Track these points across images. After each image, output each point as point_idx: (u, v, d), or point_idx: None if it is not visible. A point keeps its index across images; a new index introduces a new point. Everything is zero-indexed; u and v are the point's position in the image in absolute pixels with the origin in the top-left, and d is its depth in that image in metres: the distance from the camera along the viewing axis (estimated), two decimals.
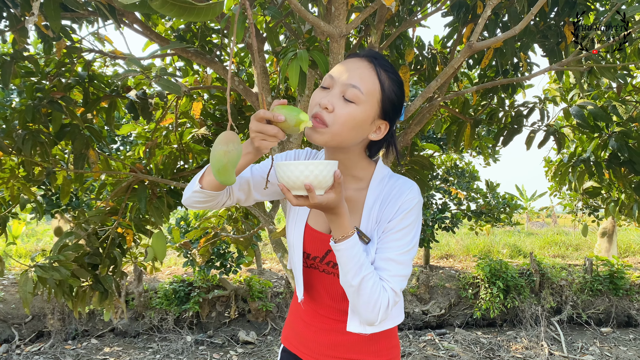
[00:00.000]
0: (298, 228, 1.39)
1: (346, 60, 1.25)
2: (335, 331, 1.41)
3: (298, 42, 2.17)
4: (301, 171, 1.07)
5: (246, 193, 1.38)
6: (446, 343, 6.36)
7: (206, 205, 1.31)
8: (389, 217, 1.25)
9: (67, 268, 2.58)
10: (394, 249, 1.23)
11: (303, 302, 1.48)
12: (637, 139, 3.35)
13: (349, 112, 1.17)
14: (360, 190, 1.32)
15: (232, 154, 1.02)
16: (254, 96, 2.71)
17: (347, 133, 1.19)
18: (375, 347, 1.40)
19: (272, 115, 1.08)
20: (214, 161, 1.02)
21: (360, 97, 1.17)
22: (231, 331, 6.70)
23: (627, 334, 6.89)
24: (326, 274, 1.38)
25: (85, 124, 3.01)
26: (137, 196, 2.97)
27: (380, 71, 1.20)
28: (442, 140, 7.65)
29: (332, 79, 1.21)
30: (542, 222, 20.83)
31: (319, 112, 1.18)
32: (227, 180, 1.05)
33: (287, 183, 1.10)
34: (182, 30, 3.21)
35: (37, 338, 6.39)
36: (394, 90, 1.22)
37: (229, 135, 1.03)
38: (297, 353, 1.50)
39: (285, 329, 1.59)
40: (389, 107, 1.22)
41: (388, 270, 1.22)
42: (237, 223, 4.11)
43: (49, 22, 2.11)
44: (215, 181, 1.23)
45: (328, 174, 1.08)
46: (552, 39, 3.05)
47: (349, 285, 1.18)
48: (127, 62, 2.11)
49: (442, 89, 3.16)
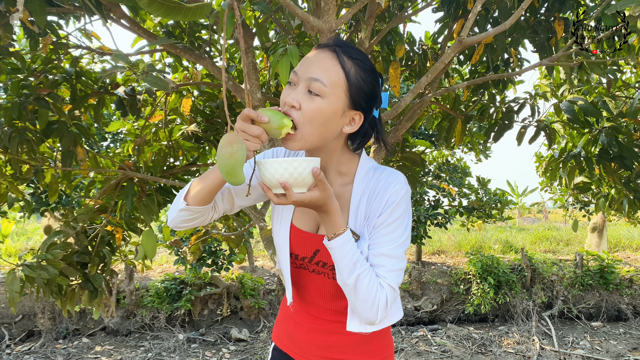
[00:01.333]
0: (283, 229, 1.35)
1: (310, 53, 1.19)
2: (326, 332, 1.38)
3: (288, 37, 2.16)
4: (275, 169, 1.05)
5: (230, 202, 1.35)
6: (438, 339, 6.38)
7: (193, 223, 1.28)
8: (377, 212, 1.21)
9: (55, 267, 2.55)
10: (386, 243, 1.19)
11: (292, 304, 1.45)
12: (627, 134, 3.36)
13: (314, 107, 1.12)
14: (345, 185, 1.28)
15: (238, 154, 1.03)
16: (244, 93, 2.69)
17: (317, 130, 1.14)
18: (368, 347, 1.38)
19: (256, 115, 1.07)
20: (221, 165, 1.03)
21: (324, 90, 1.12)
22: (223, 329, 6.68)
23: (617, 328, 6.94)
24: (316, 274, 1.35)
25: (73, 121, 2.97)
26: (125, 194, 2.95)
27: (344, 59, 1.14)
28: (434, 137, 7.67)
29: (296, 75, 1.16)
30: (534, 217, 20.97)
31: (286, 110, 1.14)
32: (238, 180, 1.05)
33: (266, 182, 1.09)
34: (170, 26, 3.18)
35: (27, 337, 6.34)
36: (362, 78, 1.16)
37: (231, 137, 1.04)
38: (288, 352, 1.47)
39: (276, 327, 1.56)
40: (358, 96, 1.16)
41: (383, 266, 1.18)
42: (228, 220, 4.09)
43: (34, 17, 2.07)
44: (200, 195, 1.21)
45: (304, 171, 1.06)
46: (542, 34, 3.05)
47: (344, 284, 1.15)
48: (114, 57, 2.08)
49: (433, 85, 3.15)
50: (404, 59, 3.58)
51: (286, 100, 1.14)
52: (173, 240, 4.13)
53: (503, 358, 5.66)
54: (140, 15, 3.08)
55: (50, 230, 6.76)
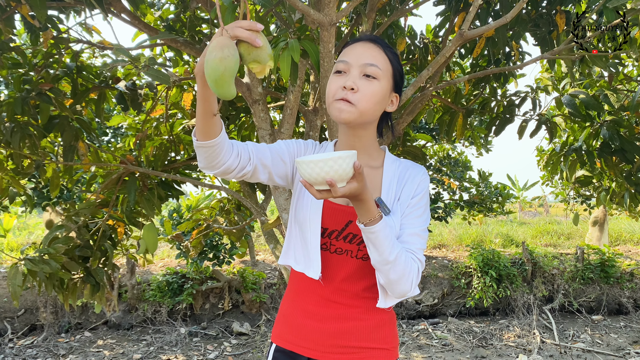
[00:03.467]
0: (316, 203, 1.38)
1: (353, 46, 1.35)
2: (342, 318, 1.38)
3: (289, 31, 2.15)
4: (321, 168, 1.08)
5: (261, 162, 1.35)
6: (439, 332, 6.40)
7: (220, 159, 1.24)
8: (410, 195, 1.37)
9: (57, 261, 2.56)
10: (417, 225, 1.35)
11: (311, 286, 1.42)
12: (628, 128, 3.35)
13: (373, 88, 1.29)
14: (376, 168, 1.42)
15: (229, 61, 0.92)
16: (245, 86, 2.69)
17: (373, 108, 1.30)
18: (381, 333, 1.40)
19: (248, 23, 1.00)
20: (209, 71, 0.92)
21: (379, 73, 1.29)
22: (225, 323, 6.70)
23: (618, 322, 6.96)
24: (338, 254, 1.37)
25: (74, 116, 2.98)
26: (127, 188, 2.95)
27: (386, 49, 1.34)
28: (435, 131, 7.65)
29: (346, 64, 1.31)
30: (535, 211, 20.98)
31: (344, 95, 1.27)
32: (227, 92, 0.94)
33: (309, 179, 1.11)
34: (171, 20, 3.18)
35: (29, 331, 6.36)
36: (399, 63, 1.37)
37: (223, 40, 0.93)
38: (295, 349, 1.41)
39: (278, 326, 1.50)
40: (399, 79, 1.38)
41: (414, 243, 1.33)
42: (229, 215, 4.10)
43: (34, 11, 2.07)
44: (200, 124, 1.17)
45: (347, 166, 1.10)
46: (543, 27, 3.04)
47: (385, 262, 1.24)
48: (115, 52, 2.08)
49: (434, 79, 3.15)
50: (405, 53, 3.57)
51: (346, 84, 1.27)
52: (174, 234, 4.14)
53: (504, 351, 5.68)
54: (141, 9, 3.07)
55: (52, 224, 6.77)
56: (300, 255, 1.43)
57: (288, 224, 1.51)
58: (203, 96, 1.13)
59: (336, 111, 1.28)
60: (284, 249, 1.51)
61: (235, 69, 0.93)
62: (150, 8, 3.27)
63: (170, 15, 3.27)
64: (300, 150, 1.46)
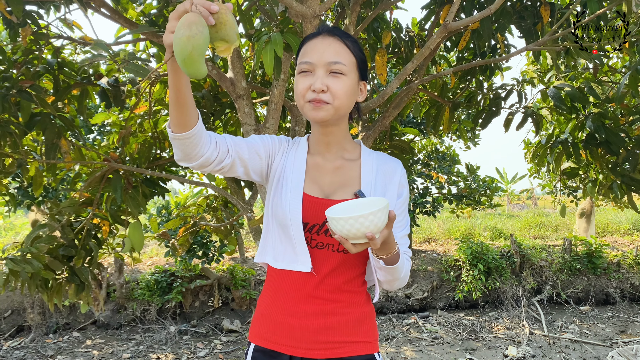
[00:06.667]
0: (294, 198, 1.36)
1: (312, 42, 1.33)
2: (323, 313, 1.36)
3: (272, 24, 2.13)
4: (361, 223, 1.07)
5: (241, 159, 1.33)
6: (429, 325, 6.42)
7: (197, 150, 1.21)
8: (394, 195, 1.40)
9: (40, 260, 2.52)
10: (404, 225, 1.42)
11: (292, 284, 1.39)
12: (613, 120, 3.37)
13: (342, 84, 1.29)
14: (353, 160, 1.43)
15: (198, 39, 0.89)
16: (229, 81, 2.66)
17: (346, 102, 1.31)
18: (364, 327, 1.39)
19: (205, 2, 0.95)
20: (177, 50, 0.89)
21: (345, 69, 1.29)
22: (215, 320, 6.67)
23: (605, 312, 7.03)
24: (319, 248, 1.35)
25: (57, 113, 2.93)
26: (112, 186, 2.91)
27: (345, 40, 1.33)
28: (423, 125, 7.66)
29: (310, 64, 1.30)
30: (523, 204, 21.14)
31: (315, 97, 1.27)
32: (197, 72, 0.92)
33: (347, 235, 1.10)
34: (153, 15, 3.13)
35: (17, 333, 6.29)
36: (360, 50, 1.36)
37: (191, 17, 0.90)
38: (276, 348, 1.38)
39: (256, 325, 1.46)
40: (363, 67, 1.37)
41: (405, 244, 1.41)
42: (216, 212, 4.07)
43: (10, 7, 2.03)
44: (173, 112, 1.13)
45: (385, 217, 1.11)
46: (528, 19, 3.04)
47: (395, 280, 1.34)
48: (94, 46, 2.04)
49: (420, 72, 3.14)
50: (390, 46, 3.56)
51: (314, 87, 1.27)
52: (161, 232, 4.10)
53: (493, 343, 5.71)
54: (122, 4, 3.03)
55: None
56: (281, 252, 1.40)
57: (265, 220, 1.47)
58: (174, 85, 1.08)
59: (311, 112, 1.29)
60: (260, 247, 1.48)
61: (204, 46, 0.89)
62: (132, 3, 3.23)
63: (153, 10, 3.22)
64: (275, 146, 1.44)
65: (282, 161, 1.43)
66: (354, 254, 1.34)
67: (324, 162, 1.42)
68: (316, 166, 1.42)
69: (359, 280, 1.42)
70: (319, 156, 1.43)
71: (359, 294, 1.41)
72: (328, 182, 1.40)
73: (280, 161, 1.44)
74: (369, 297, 1.46)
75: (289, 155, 1.44)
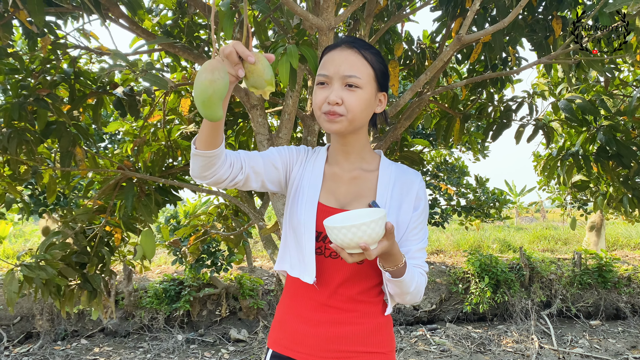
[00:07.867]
0: (309, 207, 1.38)
1: (331, 54, 1.34)
2: (337, 323, 1.36)
3: (287, 36, 2.15)
4: (354, 233, 1.09)
5: (255, 172, 1.37)
6: (437, 338, 6.38)
7: (211, 171, 1.26)
8: (410, 207, 1.39)
9: (53, 267, 2.55)
10: (421, 238, 1.40)
11: (306, 291, 1.41)
12: (624, 133, 3.37)
13: (357, 97, 1.29)
14: (371, 171, 1.43)
15: (218, 84, 0.93)
16: (243, 91, 2.69)
17: (360, 115, 1.31)
18: (378, 337, 1.39)
19: (246, 54, 1.02)
20: (197, 92, 0.94)
21: (360, 82, 1.29)
22: (222, 329, 6.67)
23: (616, 327, 6.96)
24: (332, 258, 1.36)
25: (71, 122, 2.97)
26: (125, 194, 2.94)
27: (364, 52, 1.32)
28: (432, 136, 7.66)
29: (326, 77, 1.31)
30: (532, 216, 21.00)
31: (330, 109, 1.28)
32: (214, 114, 0.96)
33: (342, 244, 1.12)
34: (169, 26, 3.18)
35: (25, 339, 6.32)
36: (379, 62, 1.35)
37: (214, 64, 0.95)
38: (292, 354, 1.40)
39: (274, 332, 1.48)
40: (382, 78, 1.36)
41: (421, 257, 1.39)
42: (227, 220, 4.09)
43: (32, 17, 2.07)
44: (203, 135, 1.19)
45: (380, 229, 1.11)
46: (540, 32, 3.06)
47: (405, 293, 1.33)
48: (112, 56, 2.08)
49: (432, 84, 3.16)
50: (402, 58, 3.58)
51: (330, 100, 1.28)
52: (172, 240, 4.13)
53: (502, 357, 5.67)
54: (139, 15, 3.08)
55: (48, 231, 6.74)
56: (296, 260, 1.42)
57: (283, 229, 1.50)
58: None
59: (325, 123, 1.31)
60: (279, 255, 1.51)
61: (223, 91, 0.94)
62: (148, 14, 3.28)
63: (168, 21, 3.27)
64: (292, 157, 1.47)
65: (300, 171, 1.45)
66: (368, 264, 1.35)
67: (342, 172, 1.43)
68: (333, 176, 1.43)
69: (375, 291, 1.41)
70: (336, 166, 1.44)
71: (374, 304, 1.41)
72: (344, 192, 1.41)
73: (298, 171, 1.46)
74: (386, 308, 1.45)
75: (307, 165, 1.46)
